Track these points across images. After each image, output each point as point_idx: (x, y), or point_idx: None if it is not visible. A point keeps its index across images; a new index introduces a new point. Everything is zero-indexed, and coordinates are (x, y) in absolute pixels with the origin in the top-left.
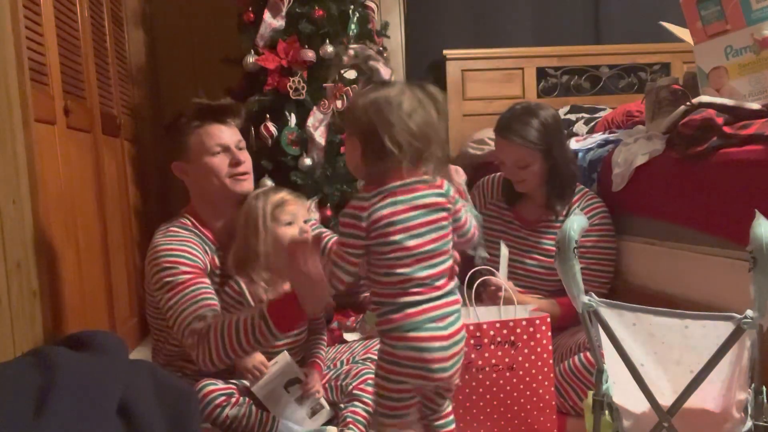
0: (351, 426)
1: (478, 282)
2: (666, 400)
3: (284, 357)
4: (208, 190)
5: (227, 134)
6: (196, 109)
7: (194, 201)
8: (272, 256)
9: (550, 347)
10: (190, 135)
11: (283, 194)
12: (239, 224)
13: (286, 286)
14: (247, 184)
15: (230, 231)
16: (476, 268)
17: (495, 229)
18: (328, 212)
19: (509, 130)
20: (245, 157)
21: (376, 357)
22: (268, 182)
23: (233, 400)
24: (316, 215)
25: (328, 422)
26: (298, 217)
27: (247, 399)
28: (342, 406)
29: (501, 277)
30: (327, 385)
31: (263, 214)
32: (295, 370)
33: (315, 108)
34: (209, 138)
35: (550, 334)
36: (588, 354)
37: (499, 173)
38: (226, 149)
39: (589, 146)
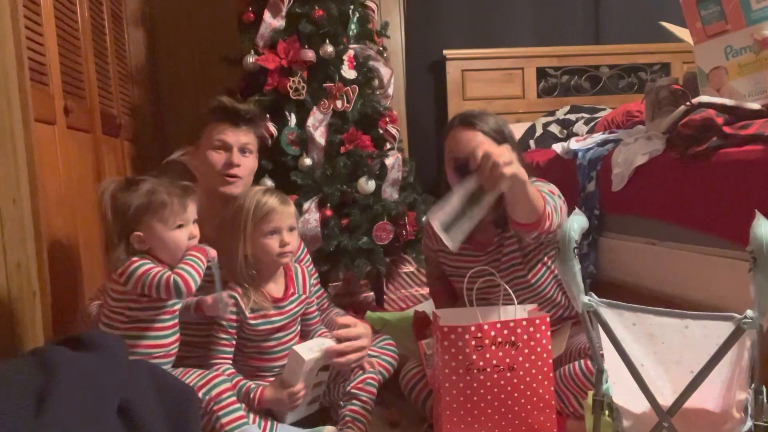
0: (350, 425)
1: (478, 282)
2: (666, 400)
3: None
4: (205, 179)
5: (233, 134)
6: (216, 106)
7: (198, 192)
8: (253, 260)
9: (550, 347)
10: (205, 125)
11: (272, 201)
12: (226, 224)
13: (267, 289)
14: (234, 188)
15: (216, 228)
16: (476, 268)
17: (457, 264)
18: (328, 212)
19: (469, 116)
20: (242, 161)
21: (373, 354)
22: (268, 182)
23: None
24: (316, 215)
25: (327, 422)
26: (281, 227)
27: (244, 405)
28: (341, 404)
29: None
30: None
31: (246, 221)
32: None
33: (315, 108)
34: (216, 132)
35: (549, 333)
36: (588, 361)
37: None
38: (227, 148)
39: (589, 146)
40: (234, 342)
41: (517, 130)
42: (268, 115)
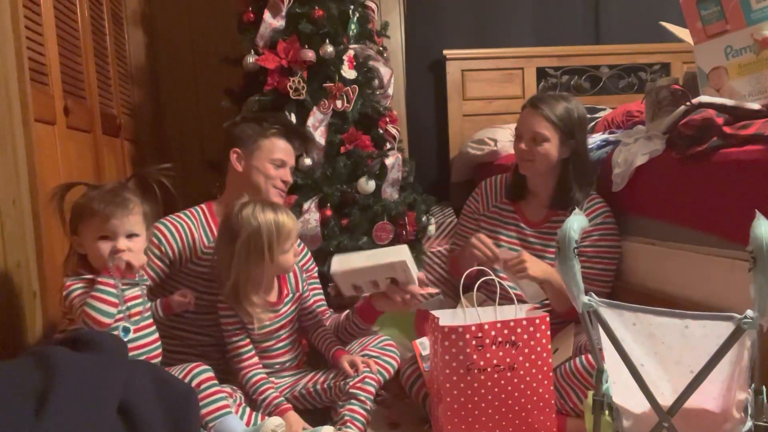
0: (349, 424)
1: (479, 282)
2: (666, 400)
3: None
4: (247, 183)
5: (290, 154)
6: (281, 122)
7: (229, 190)
8: (261, 277)
9: (550, 346)
10: (265, 138)
11: (286, 219)
12: (240, 247)
13: (270, 298)
14: (279, 199)
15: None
16: (473, 268)
17: (499, 232)
18: (328, 212)
19: (538, 100)
20: (290, 177)
21: (373, 354)
22: None
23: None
24: (316, 215)
25: (327, 421)
26: (295, 240)
27: (239, 400)
28: (340, 404)
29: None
30: (325, 385)
31: (269, 244)
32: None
33: (315, 108)
34: (277, 149)
35: (549, 333)
36: (589, 356)
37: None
38: (282, 165)
39: (589, 147)
40: (249, 341)
41: None
42: None
